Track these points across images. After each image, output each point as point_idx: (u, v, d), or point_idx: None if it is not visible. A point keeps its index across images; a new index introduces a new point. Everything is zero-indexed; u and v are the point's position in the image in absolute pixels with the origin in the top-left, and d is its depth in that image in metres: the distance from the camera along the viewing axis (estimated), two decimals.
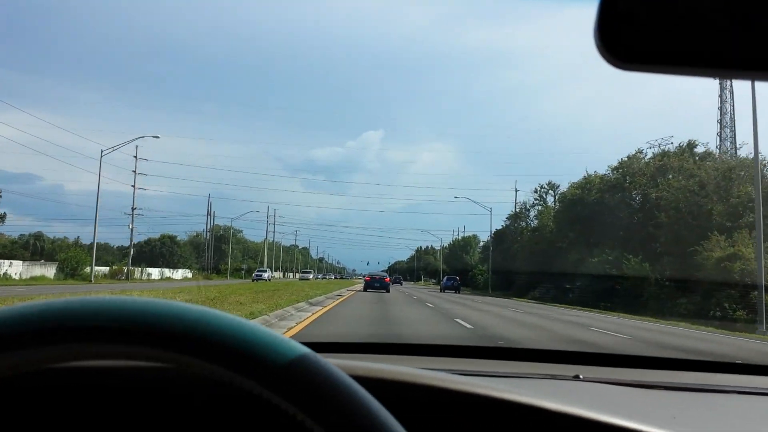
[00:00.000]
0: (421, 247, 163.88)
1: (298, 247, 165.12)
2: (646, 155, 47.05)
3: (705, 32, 0.52)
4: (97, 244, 57.37)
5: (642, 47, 0.53)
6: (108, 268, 63.30)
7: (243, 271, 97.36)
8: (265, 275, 75.84)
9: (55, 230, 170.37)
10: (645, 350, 12.49)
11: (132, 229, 61.26)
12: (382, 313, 19.44)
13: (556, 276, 46.48)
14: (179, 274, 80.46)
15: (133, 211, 60.72)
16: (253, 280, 69.23)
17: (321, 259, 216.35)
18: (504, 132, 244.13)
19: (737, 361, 1.90)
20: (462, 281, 70.84)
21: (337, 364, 0.58)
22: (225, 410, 0.84)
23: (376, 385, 0.65)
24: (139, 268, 68.92)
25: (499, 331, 14.75)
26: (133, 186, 61.13)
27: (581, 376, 1.42)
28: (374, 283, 43.90)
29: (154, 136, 53.68)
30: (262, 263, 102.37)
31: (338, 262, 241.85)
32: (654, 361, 1.80)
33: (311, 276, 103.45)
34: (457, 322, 17.11)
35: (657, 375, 1.60)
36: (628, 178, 45.98)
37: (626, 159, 47.79)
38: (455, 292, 56.93)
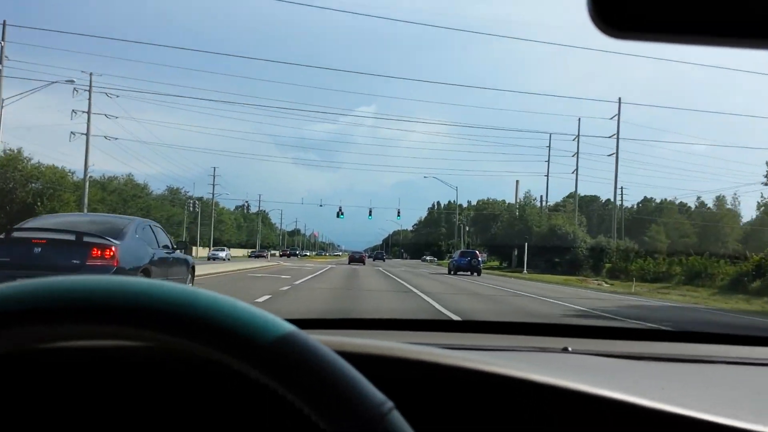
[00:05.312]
0: (436, 204, 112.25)
1: (216, 197, 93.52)
2: None
3: None
4: None
5: (637, 14, 0.50)
6: None
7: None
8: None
9: None
10: None
11: None
12: None
13: None
14: None
15: None
16: None
17: (297, 231, 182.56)
18: (500, 104, 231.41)
19: (725, 332, 1.94)
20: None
21: (322, 340, 0.57)
22: (212, 388, 0.82)
23: (363, 360, 0.64)
24: None
25: None
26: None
27: (570, 349, 1.43)
28: None
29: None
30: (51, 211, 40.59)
31: (325, 238, 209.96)
32: (641, 333, 1.83)
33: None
34: None
35: (645, 346, 1.62)
36: None
37: None
38: (474, 275, 35.24)
